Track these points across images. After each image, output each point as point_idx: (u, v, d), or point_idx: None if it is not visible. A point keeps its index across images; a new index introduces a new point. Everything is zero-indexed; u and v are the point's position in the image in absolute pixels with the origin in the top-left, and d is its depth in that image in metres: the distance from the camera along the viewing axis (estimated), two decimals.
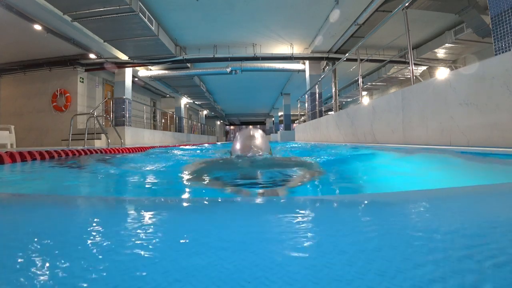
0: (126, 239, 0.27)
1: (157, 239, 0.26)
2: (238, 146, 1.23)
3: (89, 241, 0.26)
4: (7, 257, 0.23)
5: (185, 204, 0.45)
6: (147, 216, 0.36)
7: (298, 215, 0.35)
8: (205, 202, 0.45)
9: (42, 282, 0.19)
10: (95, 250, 0.24)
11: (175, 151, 3.96)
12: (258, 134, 1.27)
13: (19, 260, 0.22)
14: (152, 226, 0.31)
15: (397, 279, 0.17)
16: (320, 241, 0.25)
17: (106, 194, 1.20)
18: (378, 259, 0.20)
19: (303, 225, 0.30)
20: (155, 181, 1.39)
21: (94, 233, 0.29)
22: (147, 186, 1.26)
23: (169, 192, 1.10)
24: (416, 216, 0.34)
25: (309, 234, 0.27)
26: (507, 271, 0.18)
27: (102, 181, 1.49)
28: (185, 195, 0.99)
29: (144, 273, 0.19)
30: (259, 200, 0.50)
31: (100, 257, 0.22)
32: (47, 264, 0.21)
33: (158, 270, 0.20)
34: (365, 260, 0.20)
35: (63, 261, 0.21)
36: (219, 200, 0.47)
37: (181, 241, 0.26)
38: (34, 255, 0.23)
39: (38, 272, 0.20)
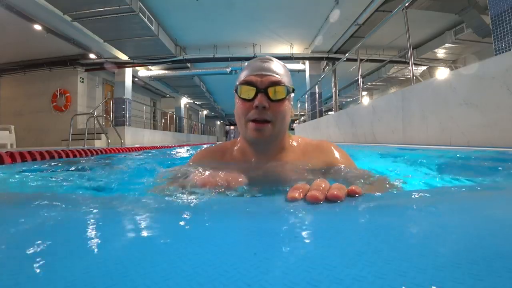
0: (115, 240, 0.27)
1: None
2: (245, 71, 0.85)
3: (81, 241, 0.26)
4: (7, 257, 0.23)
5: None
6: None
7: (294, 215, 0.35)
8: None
9: (43, 282, 0.19)
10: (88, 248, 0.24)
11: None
12: (275, 60, 0.86)
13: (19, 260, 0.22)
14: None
15: (396, 282, 0.17)
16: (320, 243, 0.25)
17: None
18: (378, 262, 0.20)
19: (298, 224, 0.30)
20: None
21: (86, 233, 0.29)
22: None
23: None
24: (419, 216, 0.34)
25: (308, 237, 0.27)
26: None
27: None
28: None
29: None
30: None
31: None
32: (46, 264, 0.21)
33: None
34: (364, 262, 0.20)
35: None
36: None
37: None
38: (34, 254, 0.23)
39: (40, 272, 0.20)
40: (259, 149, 0.88)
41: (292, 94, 0.88)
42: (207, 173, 0.67)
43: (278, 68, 0.84)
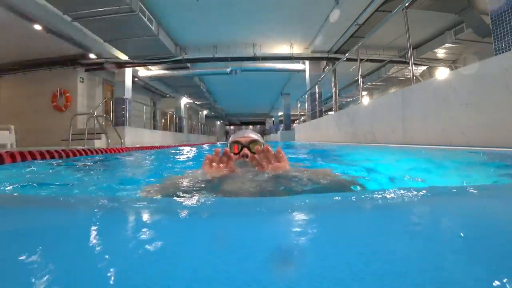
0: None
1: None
2: (233, 136, 1.29)
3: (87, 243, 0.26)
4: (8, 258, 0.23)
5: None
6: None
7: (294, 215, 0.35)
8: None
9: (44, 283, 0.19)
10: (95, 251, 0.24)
11: None
12: (251, 130, 1.36)
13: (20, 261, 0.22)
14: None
15: (396, 283, 0.17)
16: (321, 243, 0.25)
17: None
18: (377, 262, 0.20)
19: (300, 224, 0.30)
20: None
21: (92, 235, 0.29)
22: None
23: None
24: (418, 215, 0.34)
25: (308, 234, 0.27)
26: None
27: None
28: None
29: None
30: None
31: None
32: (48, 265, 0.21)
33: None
34: (364, 263, 0.20)
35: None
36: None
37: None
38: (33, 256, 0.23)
39: (39, 274, 0.20)
40: None
41: None
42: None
43: (254, 134, 1.24)
